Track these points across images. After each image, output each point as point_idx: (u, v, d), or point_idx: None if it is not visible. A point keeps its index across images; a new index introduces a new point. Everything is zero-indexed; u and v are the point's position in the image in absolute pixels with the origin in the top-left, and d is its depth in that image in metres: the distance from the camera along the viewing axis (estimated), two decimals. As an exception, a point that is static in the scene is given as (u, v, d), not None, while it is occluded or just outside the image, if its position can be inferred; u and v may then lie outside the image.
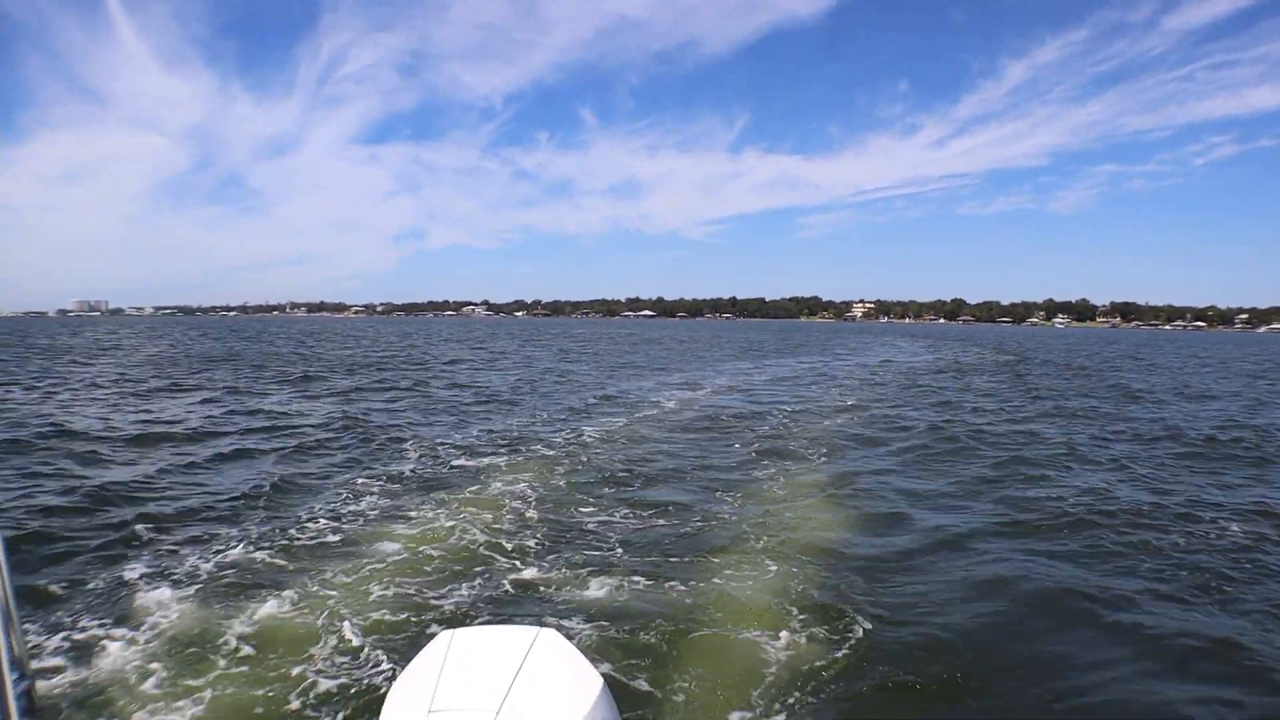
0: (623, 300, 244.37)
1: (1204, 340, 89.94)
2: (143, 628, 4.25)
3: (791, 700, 3.64)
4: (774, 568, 5.36)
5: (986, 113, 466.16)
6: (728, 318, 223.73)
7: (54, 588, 4.80)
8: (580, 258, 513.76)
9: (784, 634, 4.28)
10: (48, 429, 10.75)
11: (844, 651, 4.07)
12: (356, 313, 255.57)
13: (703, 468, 8.82)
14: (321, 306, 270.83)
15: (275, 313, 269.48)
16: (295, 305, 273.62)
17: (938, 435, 11.16)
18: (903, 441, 10.70)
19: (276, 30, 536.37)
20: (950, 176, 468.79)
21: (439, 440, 10.27)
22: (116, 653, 3.95)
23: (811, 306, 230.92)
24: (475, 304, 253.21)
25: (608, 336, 59.90)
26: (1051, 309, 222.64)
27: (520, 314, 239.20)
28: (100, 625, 4.26)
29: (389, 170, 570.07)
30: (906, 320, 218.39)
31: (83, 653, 3.95)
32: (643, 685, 3.72)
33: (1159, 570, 5.49)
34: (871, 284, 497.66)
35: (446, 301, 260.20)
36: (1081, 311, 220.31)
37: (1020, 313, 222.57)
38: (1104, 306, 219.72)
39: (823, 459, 9.42)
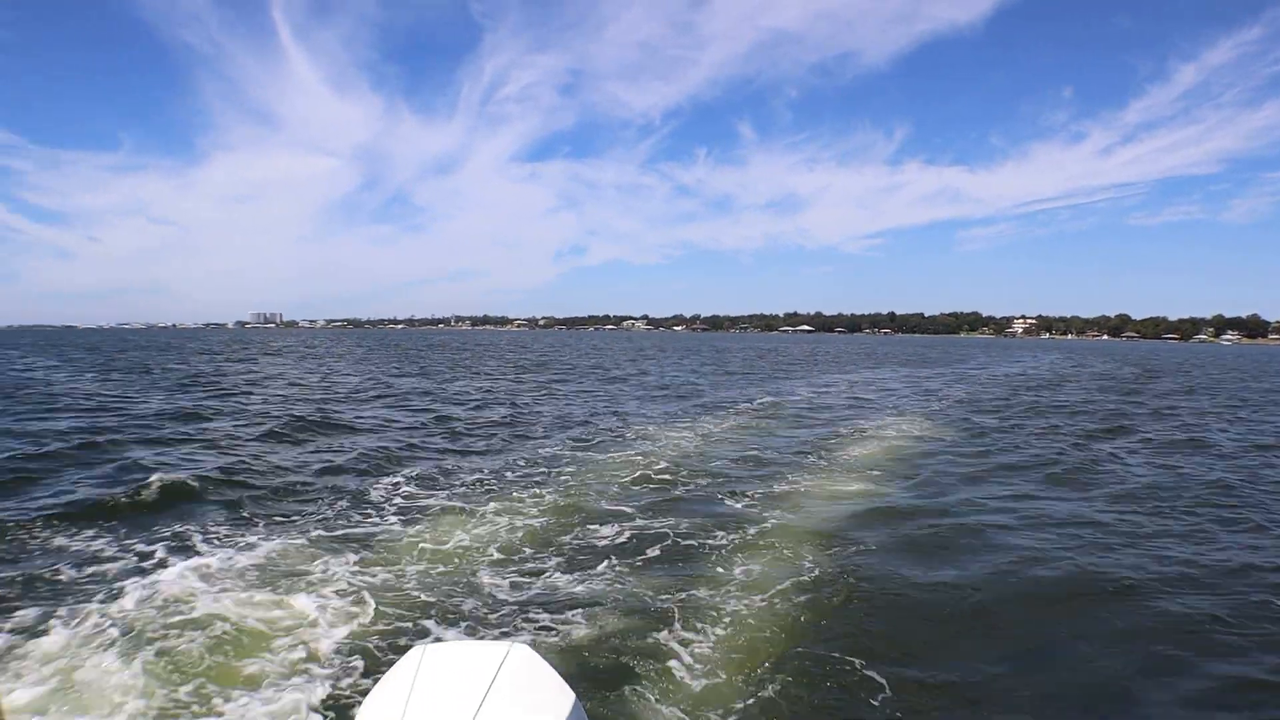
0: (780, 315, 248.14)
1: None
2: (121, 632, 4.25)
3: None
4: (764, 586, 5.24)
5: (1155, 119, 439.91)
6: (886, 333, 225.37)
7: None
8: (739, 272, 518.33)
9: (768, 654, 4.22)
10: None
11: (830, 678, 4.02)
12: (519, 326, 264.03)
13: (724, 476, 8.86)
14: (485, 320, 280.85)
15: (440, 325, 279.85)
16: (459, 319, 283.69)
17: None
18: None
19: (440, 54, 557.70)
20: (1117, 186, 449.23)
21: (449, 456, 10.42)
22: (74, 659, 3.91)
23: (971, 322, 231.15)
24: (635, 318, 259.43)
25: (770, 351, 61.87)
26: (1220, 325, 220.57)
27: (679, 328, 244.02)
28: (57, 626, 4.30)
29: (550, 187, 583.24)
30: (1069, 336, 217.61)
31: (45, 651, 3.98)
32: (616, 703, 3.67)
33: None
34: (1034, 299, 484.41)
35: (607, 316, 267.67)
36: (1252, 328, 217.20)
37: (1187, 329, 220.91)
38: (1277, 322, 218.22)
39: (846, 471, 9.45)
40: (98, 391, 18.86)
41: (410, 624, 4.57)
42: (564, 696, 1.68)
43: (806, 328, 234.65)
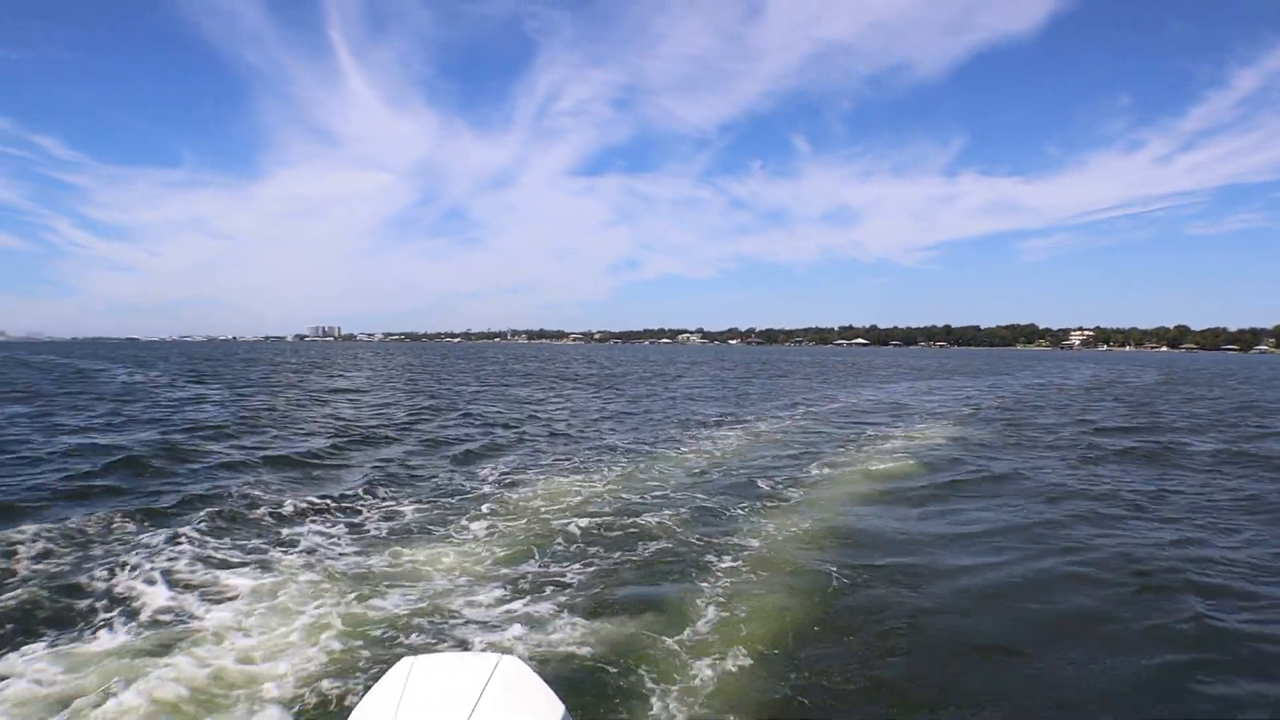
0: (835, 328, 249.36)
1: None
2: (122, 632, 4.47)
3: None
4: (761, 602, 5.21)
5: (1214, 125, 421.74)
6: (941, 345, 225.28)
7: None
8: (794, 285, 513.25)
9: (760, 672, 4.17)
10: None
11: (819, 698, 3.93)
12: (574, 340, 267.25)
13: (725, 492, 8.84)
14: (541, 334, 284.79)
15: (497, 339, 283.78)
16: (515, 332, 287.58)
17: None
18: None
19: (495, 69, 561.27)
20: (1176, 195, 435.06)
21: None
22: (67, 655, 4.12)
23: (1028, 335, 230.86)
24: (689, 332, 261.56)
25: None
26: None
27: (734, 342, 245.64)
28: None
29: (605, 201, 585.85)
30: (1127, 348, 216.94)
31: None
32: (605, 715, 3.65)
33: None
34: (1092, 310, 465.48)
35: (661, 329, 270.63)
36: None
37: (1248, 340, 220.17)
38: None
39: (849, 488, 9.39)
40: (209, 394, 22.37)
41: (401, 635, 4.66)
42: (553, 707, 1.67)
43: (861, 341, 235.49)
